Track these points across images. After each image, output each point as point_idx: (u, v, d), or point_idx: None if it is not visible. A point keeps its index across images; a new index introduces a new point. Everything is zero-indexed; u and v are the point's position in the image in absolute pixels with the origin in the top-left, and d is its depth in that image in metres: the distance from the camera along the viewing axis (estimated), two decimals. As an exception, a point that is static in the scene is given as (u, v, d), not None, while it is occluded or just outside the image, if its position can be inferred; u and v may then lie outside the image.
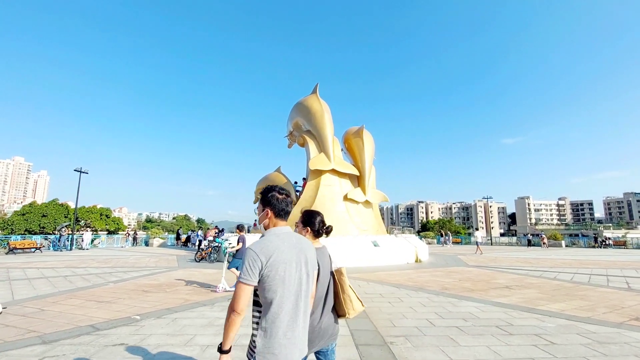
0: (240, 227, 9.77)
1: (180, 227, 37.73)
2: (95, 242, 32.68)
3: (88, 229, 45.80)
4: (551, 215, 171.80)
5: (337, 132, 21.30)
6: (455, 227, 68.60)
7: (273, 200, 1.99)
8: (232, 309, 1.71)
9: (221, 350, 1.78)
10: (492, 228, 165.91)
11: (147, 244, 35.86)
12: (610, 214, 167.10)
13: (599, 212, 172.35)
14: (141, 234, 40.58)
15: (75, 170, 28.37)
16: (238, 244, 9.28)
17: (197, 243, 24.44)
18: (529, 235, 38.01)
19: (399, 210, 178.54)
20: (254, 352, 1.77)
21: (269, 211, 1.98)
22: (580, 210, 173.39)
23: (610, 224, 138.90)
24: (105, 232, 49.75)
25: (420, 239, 29.19)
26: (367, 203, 19.01)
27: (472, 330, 5.31)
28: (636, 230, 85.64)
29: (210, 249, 16.45)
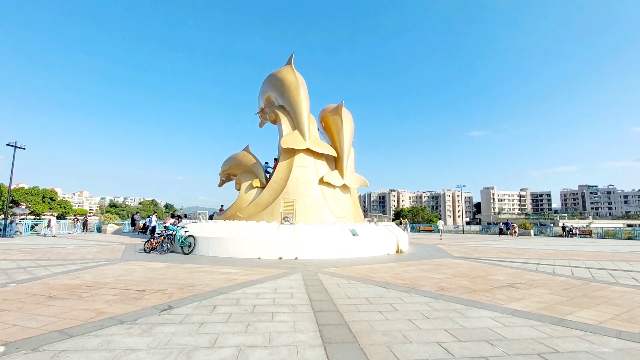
0: None
1: (138, 212, 34.24)
2: (37, 227, 28.96)
3: (55, 214, 40.09)
4: (513, 205, 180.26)
5: (314, 111, 19.20)
6: (428, 215, 69.27)
7: None
8: None
9: None
10: (459, 217, 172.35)
11: (99, 230, 32.40)
12: (566, 204, 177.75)
13: (556, 203, 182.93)
14: (93, 219, 36.77)
15: (8, 144, 24.40)
16: None
17: (150, 229, 21.74)
18: (501, 224, 38.23)
19: (372, 198, 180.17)
20: None
21: None
22: (539, 200, 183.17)
23: (566, 214, 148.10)
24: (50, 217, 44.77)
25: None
26: (344, 187, 17.22)
27: (511, 364, 3.62)
28: (599, 220, 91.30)
29: (162, 237, 14.04)
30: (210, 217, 19.10)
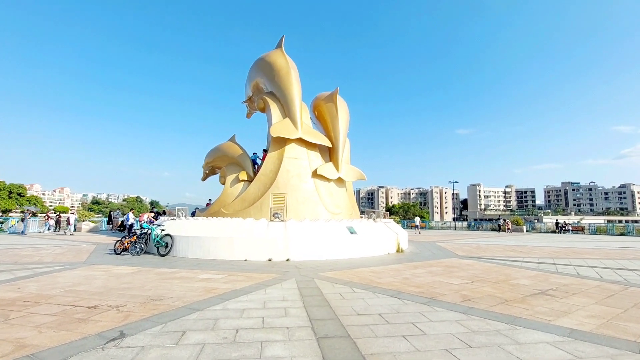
0: None
1: (118, 209, 32.17)
2: (3, 226, 26.64)
3: (73, 209, 36.22)
4: (498, 201, 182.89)
5: (305, 99, 17.69)
6: (419, 211, 68.79)
7: None
8: None
9: None
10: (446, 213, 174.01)
11: (74, 228, 30.21)
12: (549, 201, 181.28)
13: (539, 200, 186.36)
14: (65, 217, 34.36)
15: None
16: None
17: (128, 228, 19.92)
18: (501, 220, 37.67)
19: (360, 195, 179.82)
20: None
21: None
22: (524, 197, 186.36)
23: (549, 211, 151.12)
24: (20, 214, 41.72)
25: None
26: (340, 181, 15.86)
27: None
28: (590, 216, 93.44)
29: (135, 236, 12.39)
30: (193, 214, 17.47)
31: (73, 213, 28.85)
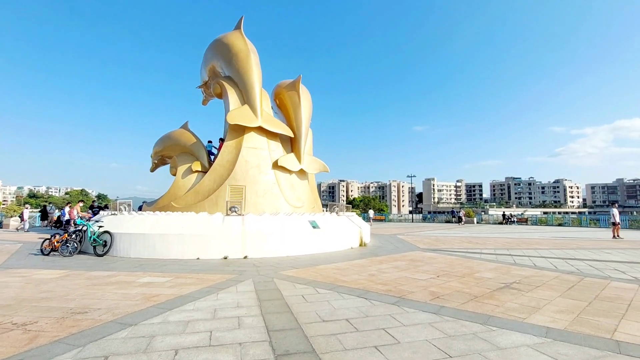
0: None
1: (50, 203, 28.78)
2: None
3: (27, 205, 30.33)
4: (450, 194, 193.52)
5: (266, 88, 16.63)
6: (379, 204, 70.32)
7: None
8: None
9: None
10: (403, 206, 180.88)
11: (0, 225, 26.59)
12: (494, 194, 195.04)
13: (486, 193, 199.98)
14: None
15: None
16: None
17: (65, 224, 17.67)
18: (461, 213, 39.38)
19: (322, 189, 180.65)
20: None
21: None
22: (472, 191, 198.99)
23: (494, 203, 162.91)
24: None
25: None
26: (301, 173, 15.18)
27: None
28: (529, 208, 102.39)
29: (66, 234, 10.77)
30: (140, 208, 15.86)
31: (27, 207, 25.16)
